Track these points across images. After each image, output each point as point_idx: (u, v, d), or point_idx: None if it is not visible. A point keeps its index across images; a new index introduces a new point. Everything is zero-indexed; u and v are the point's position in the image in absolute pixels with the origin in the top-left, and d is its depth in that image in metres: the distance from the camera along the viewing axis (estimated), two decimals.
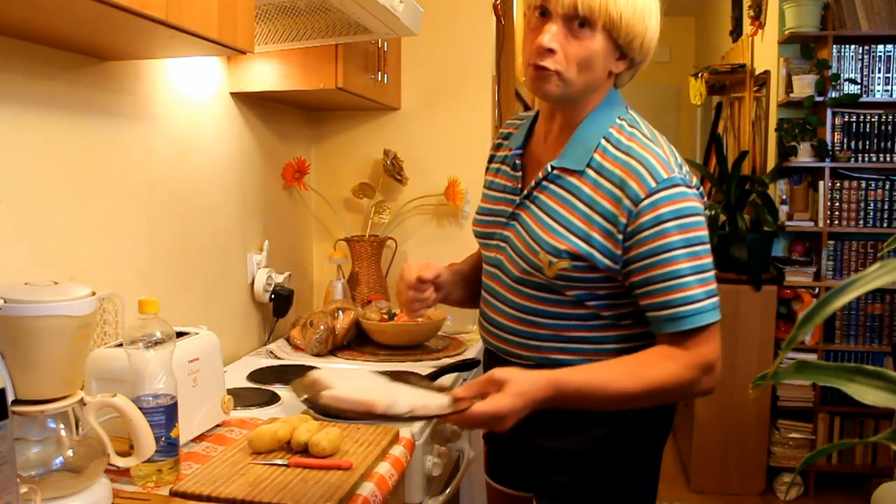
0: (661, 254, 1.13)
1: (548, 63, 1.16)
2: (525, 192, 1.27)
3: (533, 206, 1.26)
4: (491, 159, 1.44)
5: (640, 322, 1.21)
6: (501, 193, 1.34)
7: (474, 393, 1.09)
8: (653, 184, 1.14)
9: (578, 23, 1.14)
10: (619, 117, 1.23)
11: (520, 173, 1.31)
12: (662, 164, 1.16)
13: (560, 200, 1.22)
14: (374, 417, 1.06)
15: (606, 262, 1.17)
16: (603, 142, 1.21)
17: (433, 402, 1.07)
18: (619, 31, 1.15)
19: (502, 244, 1.30)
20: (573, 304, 1.23)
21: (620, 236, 1.15)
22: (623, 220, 1.15)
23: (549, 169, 1.24)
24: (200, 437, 1.45)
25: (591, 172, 1.20)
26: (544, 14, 1.17)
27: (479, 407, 1.07)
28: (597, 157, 1.20)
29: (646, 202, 1.13)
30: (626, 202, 1.15)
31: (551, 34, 1.15)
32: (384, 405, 1.04)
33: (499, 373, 1.10)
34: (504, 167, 1.36)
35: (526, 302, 1.27)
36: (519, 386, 1.08)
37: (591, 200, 1.18)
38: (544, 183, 1.25)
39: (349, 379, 1.14)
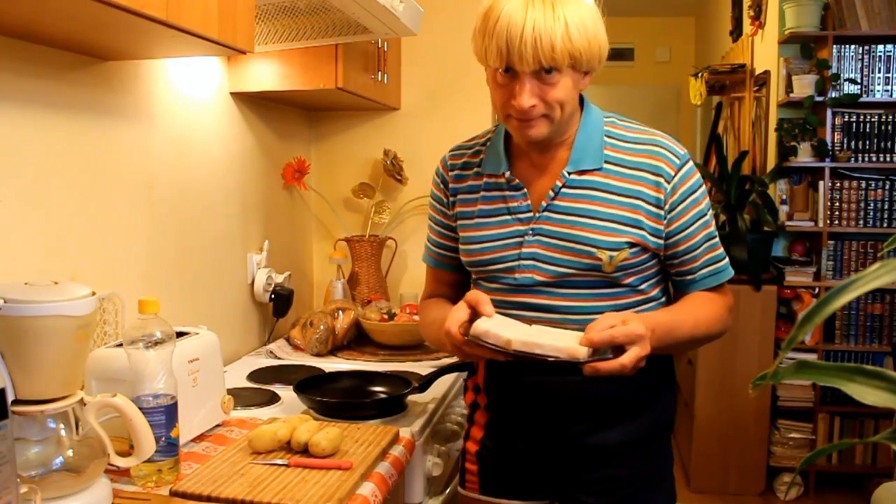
0: (699, 220, 1.29)
1: (533, 114, 1.21)
2: (544, 203, 1.28)
3: (557, 215, 1.28)
4: (455, 192, 1.39)
5: (666, 291, 1.37)
6: (500, 217, 1.32)
7: (603, 338, 1.13)
8: (677, 161, 1.27)
9: (545, 71, 1.18)
10: (604, 116, 1.33)
11: (522, 191, 1.31)
12: (674, 143, 1.30)
13: (590, 199, 1.27)
14: (554, 362, 1.13)
15: (656, 240, 1.27)
16: (606, 139, 1.29)
17: (581, 350, 1.13)
18: (581, 62, 1.20)
19: (526, 262, 1.28)
20: (629, 292, 1.30)
21: (662, 213, 1.27)
22: (663, 197, 1.26)
23: (567, 175, 1.28)
24: (200, 437, 1.45)
25: (610, 167, 1.27)
26: (509, 71, 1.20)
27: (622, 335, 1.12)
28: (608, 152, 1.28)
29: (677, 177, 1.27)
30: (662, 181, 1.26)
31: (527, 93, 1.19)
32: (581, 351, 1.12)
33: (612, 315, 1.17)
34: (491, 193, 1.34)
35: (584, 303, 1.28)
36: (638, 317, 1.16)
37: (625, 190, 1.26)
38: (564, 190, 1.28)
39: (511, 325, 1.20)
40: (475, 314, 1.22)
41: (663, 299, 1.36)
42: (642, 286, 1.31)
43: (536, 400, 1.32)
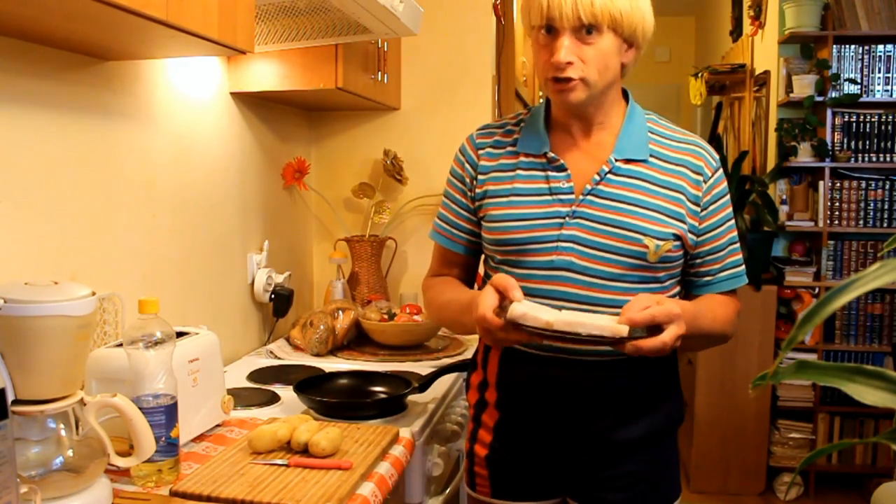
0: (726, 223, 1.34)
1: (570, 73, 1.22)
2: (589, 187, 1.28)
3: (602, 200, 1.28)
4: (486, 170, 1.36)
5: (680, 292, 1.40)
6: (541, 196, 1.30)
7: (644, 317, 1.15)
8: (714, 163, 1.32)
9: (586, 30, 1.20)
10: (645, 113, 1.36)
11: (566, 172, 1.30)
12: (710, 147, 1.34)
13: (636, 188, 1.28)
14: (600, 341, 1.14)
15: (693, 237, 1.30)
16: (649, 134, 1.32)
17: (622, 329, 1.14)
18: (623, 26, 1.22)
19: (565, 244, 1.27)
20: (659, 288, 1.30)
21: (698, 209, 1.30)
22: (700, 195, 1.30)
23: (613, 161, 1.29)
24: (200, 437, 1.45)
25: (654, 160, 1.30)
26: (550, 31, 1.22)
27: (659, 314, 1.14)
28: (653, 146, 1.31)
29: (713, 178, 1.32)
30: (701, 180, 1.30)
31: (565, 49, 1.20)
32: (623, 329, 1.13)
33: (646, 296, 1.19)
34: (530, 172, 1.32)
35: (615, 295, 1.27)
36: (672, 301, 1.20)
37: (669, 184, 1.29)
38: (609, 176, 1.29)
39: (544, 310, 1.19)
40: (502, 299, 1.21)
41: (678, 295, 1.38)
42: (668, 282, 1.33)
43: (557, 396, 1.30)
